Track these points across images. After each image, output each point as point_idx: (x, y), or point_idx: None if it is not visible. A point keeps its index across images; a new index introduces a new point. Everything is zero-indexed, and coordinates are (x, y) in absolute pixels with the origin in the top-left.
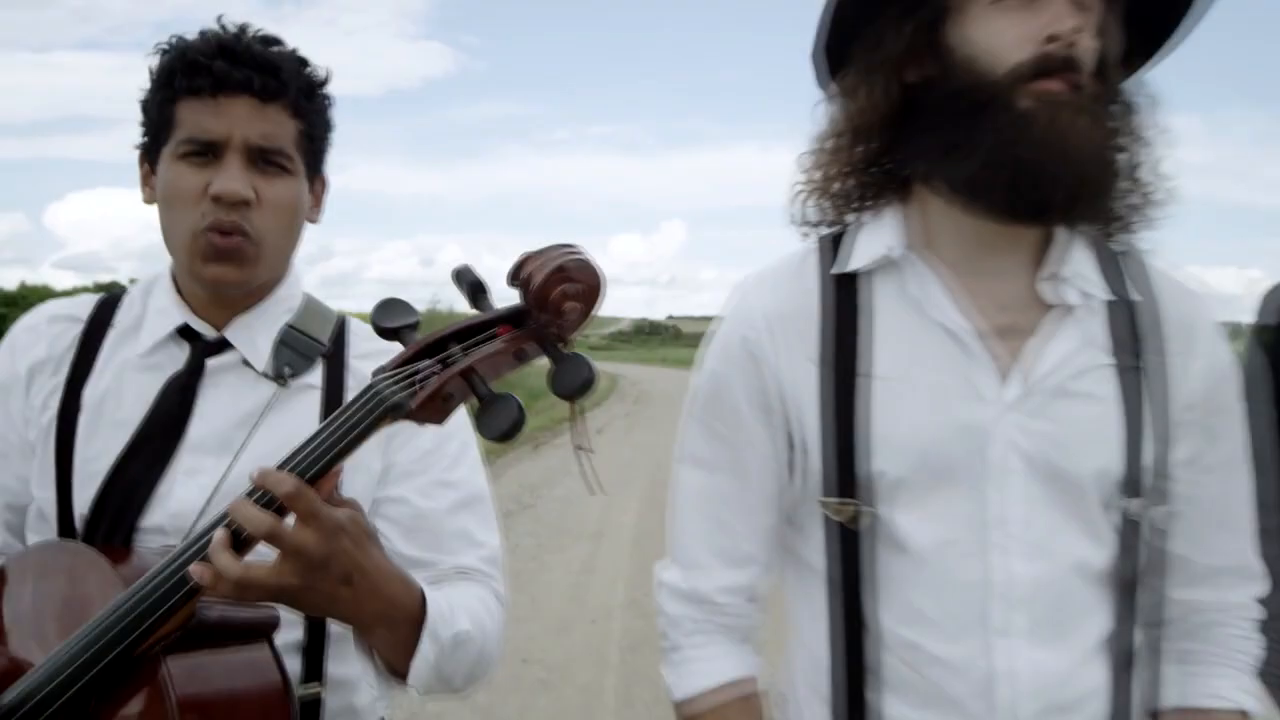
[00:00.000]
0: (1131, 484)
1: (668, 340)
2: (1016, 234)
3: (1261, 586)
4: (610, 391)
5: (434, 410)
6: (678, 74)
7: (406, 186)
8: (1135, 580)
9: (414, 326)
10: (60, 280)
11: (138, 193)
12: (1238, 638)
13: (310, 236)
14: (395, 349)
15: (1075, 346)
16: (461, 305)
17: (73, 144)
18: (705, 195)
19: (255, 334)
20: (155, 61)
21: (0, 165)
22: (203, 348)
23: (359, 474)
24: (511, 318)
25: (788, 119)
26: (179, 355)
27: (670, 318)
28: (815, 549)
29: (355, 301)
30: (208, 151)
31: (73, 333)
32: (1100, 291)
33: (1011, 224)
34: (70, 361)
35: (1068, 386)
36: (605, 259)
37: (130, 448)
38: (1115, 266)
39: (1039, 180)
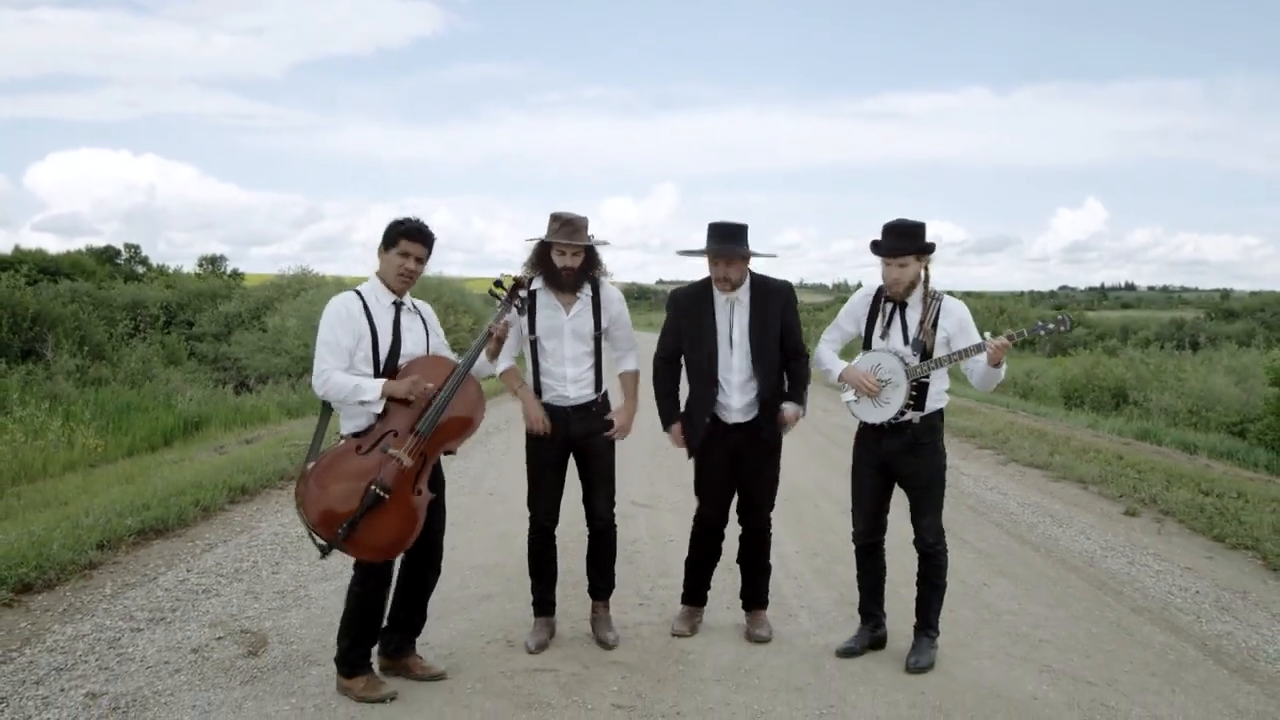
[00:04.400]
0: (596, 334)
1: (657, 305)
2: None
3: (634, 358)
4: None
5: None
6: (672, 36)
7: (395, 149)
8: (599, 349)
9: (498, 285)
10: (47, 243)
11: (122, 154)
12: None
13: (298, 201)
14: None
15: (583, 305)
16: (451, 270)
17: (55, 103)
18: (698, 159)
19: (408, 299)
20: (391, 224)
21: None
22: (399, 305)
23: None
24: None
25: (783, 83)
26: (392, 307)
27: (660, 282)
28: (527, 348)
29: (343, 265)
30: (407, 255)
31: (359, 303)
32: (588, 294)
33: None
34: (365, 314)
35: (578, 315)
36: (597, 223)
37: (394, 334)
38: (595, 289)
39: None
